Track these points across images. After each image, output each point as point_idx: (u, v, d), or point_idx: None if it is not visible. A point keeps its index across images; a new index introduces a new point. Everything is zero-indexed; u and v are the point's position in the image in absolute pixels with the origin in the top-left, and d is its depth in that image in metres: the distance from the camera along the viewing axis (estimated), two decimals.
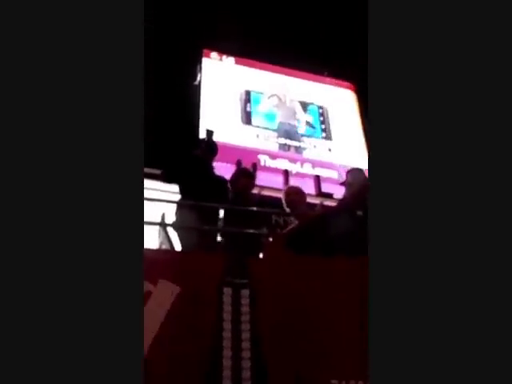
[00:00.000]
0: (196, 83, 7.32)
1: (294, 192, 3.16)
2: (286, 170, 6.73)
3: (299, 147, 7.34)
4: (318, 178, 6.74)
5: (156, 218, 3.28)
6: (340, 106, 8.13)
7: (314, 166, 7.05)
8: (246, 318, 2.10)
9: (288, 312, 2.16)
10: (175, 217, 3.25)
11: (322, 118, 7.90)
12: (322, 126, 7.80)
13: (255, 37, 7.55)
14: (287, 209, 3.12)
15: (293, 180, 6.52)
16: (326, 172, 7.00)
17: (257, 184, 3.94)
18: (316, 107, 8.01)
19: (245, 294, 2.16)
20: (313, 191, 6.46)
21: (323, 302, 2.19)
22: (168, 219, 3.27)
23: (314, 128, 7.74)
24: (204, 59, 7.63)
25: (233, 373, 1.95)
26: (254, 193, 3.89)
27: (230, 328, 2.05)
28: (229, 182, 3.51)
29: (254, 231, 3.16)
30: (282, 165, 6.87)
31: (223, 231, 3.27)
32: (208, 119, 6.67)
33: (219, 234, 3.27)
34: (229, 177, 3.56)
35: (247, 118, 7.30)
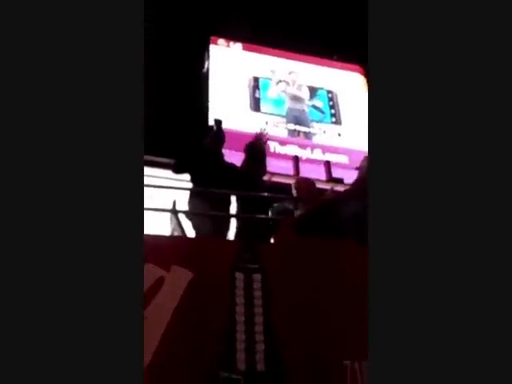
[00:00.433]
0: (204, 71, 7.28)
1: (304, 183, 3.21)
2: (295, 156, 6.70)
3: (309, 133, 7.29)
4: (328, 164, 6.69)
5: (168, 205, 3.31)
6: (349, 90, 8.03)
7: (324, 152, 7.01)
8: (258, 302, 2.12)
9: (299, 295, 2.18)
10: (188, 206, 3.28)
11: (331, 102, 7.82)
12: (332, 111, 7.72)
13: (262, 22, 7.46)
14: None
15: (303, 166, 6.50)
16: (337, 157, 6.95)
17: (267, 170, 3.93)
18: (325, 92, 7.92)
19: (257, 278, 2.19)
20: (323, 177, 6.44)
21: (334, 284, 2.21)
22: (179, 206, 3.30)
23: (323, 113, 7.68)
24: (211, 46, 7.57)
25: (246, 356, 1.99)
26: (264, 179, 3.90)
27: (243, 312, 2.08)
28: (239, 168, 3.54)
29: (265, 216, 3.18)
30: (292, 151, 6.83)
31: (233, 217, 3.30)
32: (217, 107, 6.65)
33: (233, 219, 3.30)
34: (239, 164, 3.58)
35: (256, 105, 7.26)
